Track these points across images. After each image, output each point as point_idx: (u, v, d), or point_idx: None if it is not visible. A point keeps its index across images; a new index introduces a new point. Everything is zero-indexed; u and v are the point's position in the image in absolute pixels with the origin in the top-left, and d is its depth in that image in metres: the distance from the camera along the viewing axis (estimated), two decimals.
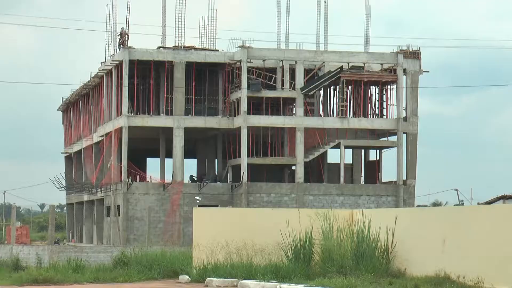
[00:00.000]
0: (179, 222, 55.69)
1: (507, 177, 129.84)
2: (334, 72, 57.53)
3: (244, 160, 56.37)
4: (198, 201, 52.27)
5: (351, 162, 63.07)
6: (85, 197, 67.37)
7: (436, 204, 68.91)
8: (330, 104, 64.11)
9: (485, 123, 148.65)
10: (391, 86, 60.33)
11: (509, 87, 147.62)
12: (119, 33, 58.33)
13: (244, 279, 25.99)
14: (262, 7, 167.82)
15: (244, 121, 56.31)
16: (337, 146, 58.08)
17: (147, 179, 60.63)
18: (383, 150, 61.79)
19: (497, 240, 22.05)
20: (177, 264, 31.00)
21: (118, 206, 56.86)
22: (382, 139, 61.61)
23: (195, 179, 61.97)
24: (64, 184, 70.64)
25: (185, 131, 56.77)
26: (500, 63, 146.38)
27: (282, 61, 58.84)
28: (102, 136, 61.33)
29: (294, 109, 59.50)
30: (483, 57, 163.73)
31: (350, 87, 60.63)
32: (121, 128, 56.23)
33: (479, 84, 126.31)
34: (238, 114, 57.28)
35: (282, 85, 58.83)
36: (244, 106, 56.17)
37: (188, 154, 60.71)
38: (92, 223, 66.58)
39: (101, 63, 62.28)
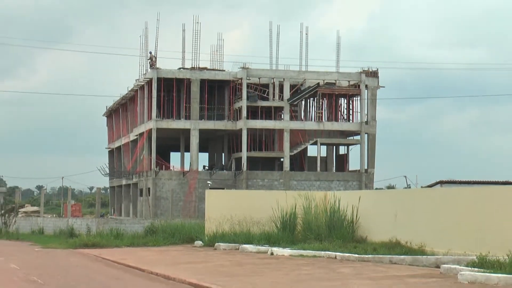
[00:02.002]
0: (195, 200, 55.25)
1: (443, 167, 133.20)
2: (313, 87, 58.49)
3: (244, 154, 56.90)
4: (209, 185, 51.69)
5: (325, 156, 63.09)
6: (123, 182, 67.26)
7: (389, 187, 68.46)
8: (309, 111, 64.47)
9: (426, 126, 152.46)
10: (356, 98, 60.61)
11: (444, 99, 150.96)
12: (149, 57, 58.75)
13: (244, 244, 26.71)
14: (259, 38, 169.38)
15: (244, 124, 56.70)
16: (315, 143, 58.88)
17: (170, 168, 60.21)
18: (350, 147, 62.67)
19: (435, 214, 22.63)
20: (193, 233, 31.93)
21: (149, 188, 57.09)
22: (349, 138, 62.40)
23: (207, 168, 62.06)
24: (107, 172, 71.89)
25: (199, 131, 57.15)
26: (438, 80, 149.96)
27: (273, 78, 59.45)
28: (136, 135, 61.52)
29: (282, 115, 59.06)
30: (425, 76, 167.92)
31: (324, 99, 61.06)
32: (151, 129, 56.66)
33: (422, 97, 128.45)
34: (239, 119, 57.50)
35: (273, 97, 59.55)
36: (244, 113, 56.67)
37: (201, 149, 59.97)
38: (128, 202, 65.91)
39: (135, 80, 62.12)
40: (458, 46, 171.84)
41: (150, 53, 58.70)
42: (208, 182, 54.23)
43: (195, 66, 58.89)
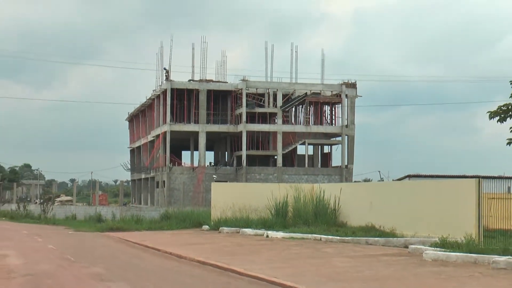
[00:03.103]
0: (202, 191, 54.99)
1: (411, 163, 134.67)
2: (301, 96, 58.57)
3: (244, 152, 56.79)
4: (214, 178, 51.21)
5: (312, 154, 63.20)
6: (143, 176, 67.33)
7: (366, 180, 67.49)
8: (298, 116, 64.47)
9: (396, 129, 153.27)
10: (338, 105, 60.70)
11: (410, 106, 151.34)
12: (164, 71, 58.84)
13: (244, 228, 26.62)
14: (256, 55, 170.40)
15: (244, 128, 56.72)
16: (303, 143, 59.03)
17: (182, 164, 60.40)
18: (332, 146, 62.76)
19: (404, 203, 22.68)
20: (201, 219, 31.70)
21: (164, 181, 57.17)
22: (332, 139, 62.02)
23: (213, 164, 62.06)
24: (129, 167, 72.26)
25: (206, 134, 57.29)
26: (405, 91, 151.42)
27: (268, 89, 59.48)
28: (153, 137, 61.72)
29: (276, 119, 59.16)
30: (394, 87, 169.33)
31: (311, 106, 61.23)
32: (165, 132, 56.78)
33: (392, 104, 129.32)
34: (240, 123, 57.58)
35: (268, 104, 59.63)
36: (244, 118, 56.72)
37: (208, 148, 60.34)
38: (147, 192, 65.97)
39: (153, 90, 62.50)
40: (421, 63, 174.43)
41: (165, 69, 58.70)
42: (214, 176, 53.98)
43: (203, 78, 58.97)
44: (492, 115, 13.81)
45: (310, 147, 61.95)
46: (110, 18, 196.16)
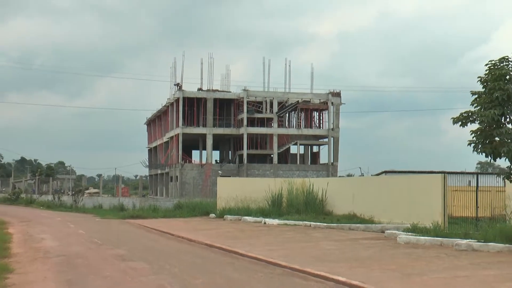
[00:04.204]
0: (210, 185, 53.62)
1: (387, 161, 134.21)
2: (294, 104, 57.87)
3: (245, 151, 55.88)
4: (220, 174, 49.92)
5: (303, 153, 62.12)
6: (159, 171, 66.01)
7: (349, 175, 62.28)
8: (291, 121, 63.53)
9: (375, 132, 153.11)
10: (325, 111, 59.87)
11: (387, 112, 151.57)
12: (177, 82, 57.84)
13: (245, 216, 26.66)
14: (255, 68, 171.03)
15: (245, 130, 55.85)
16: (296, 144, 57.84)
17: (192, 162, 59.29)
18: (320, 146, 62.13)
19: (381, 195, 22.60)
20: (208, 208, 31.38)
21: (177, 176, 56.34)
22: (320, 140, 60.86)
23: (218, 161, 61.70)
24: (147, 164, 70.82)
25: (213, 135, 56.35)
26: (382, 99, 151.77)
27: (265, 97, 58.56)
28: (168, 138, 60.68)
29: (272, 123, 58.00)
30: (373, 96, 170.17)
31: (302, 112, 60.71)
32: (178, 134, 55.74)
33: (371, 111, 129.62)
34: (241, 126, 56.49)
35: (266, 111, 58.72)
36: (245, 122, 55.81)
37: (214, 148, 59.18)
38: (162, 185, 64.50)
39: (167, 98, 61.58)
40: (395, 76, 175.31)
41: (176, 84, 57.74)
42: (219, 171, 53.25)
43: (210, 88, 58.34)
44: (455, 120, 13.79)
45: (302, 147, 61.11)
46: (131, 37, 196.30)
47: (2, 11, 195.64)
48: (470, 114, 13.64)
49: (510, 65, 13.52)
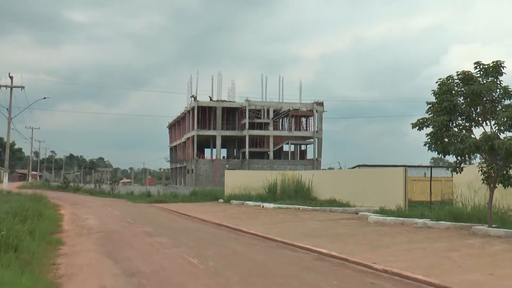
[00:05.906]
0: (219, 176, 52.52)
1: (361, 157, 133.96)
2: (286, 111, 57.18)
3: (247, 149, 55.06)
4: (226, 167, 50.03)
5: (294, 150, 60.98)
6: (178, 165, 64.43)
7: (330, 168, 62.48)
8: (284, 125, 62.76)
9: (351, 133, 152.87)
10: (310, 117, 57.94)
11: (360, 118, 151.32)
12: (192, 94, 57.63)
13: (247, 201, 26.39)
14: (255, 83, 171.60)
15: (247, 133, 54.92)
16: (288, 143, 57.60)
17: (204, 158, 58.00)
18: (307, 145, 61.30)
19: (355, 184, 22.36)
20: (218, 195, 31.09)
21: (192, 169, 55.78)
22: (307, 140, 59.89)
23: (225, 157, 60.77)
24: (169, 160, 69.65)
25: (221, 137, 55.99)
26: (356, 108, 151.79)
27: (263, 106, 57.49)
28: (185, 139, 59.92)
29: (269, 127, 57.58)
30: (349, 105, 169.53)
31: (293, 118, 59.35)
32: (193, 135, 55.39)
33: (347, 117, 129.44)
34: (244, 130, 56.24)
35: (263, 117, 58.14)
36: (247, 126, 55.29)
37: (222, 146, 58.03)
38: (181, 177, 63.19)
39: (185, 107, 60.03)
40: (366, 88, 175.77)
41: (192, 96, 57.30)
42: (226, 165, 52.40)
43: (219, 99, 57.42)
44: (414, 125, 13.76)
45: (292, 146, 59.87)
46: (157, 59, 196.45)
47: (56, 39, 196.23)
48: (425, 120, 13.62)
49: (454, 82, 13.63)
